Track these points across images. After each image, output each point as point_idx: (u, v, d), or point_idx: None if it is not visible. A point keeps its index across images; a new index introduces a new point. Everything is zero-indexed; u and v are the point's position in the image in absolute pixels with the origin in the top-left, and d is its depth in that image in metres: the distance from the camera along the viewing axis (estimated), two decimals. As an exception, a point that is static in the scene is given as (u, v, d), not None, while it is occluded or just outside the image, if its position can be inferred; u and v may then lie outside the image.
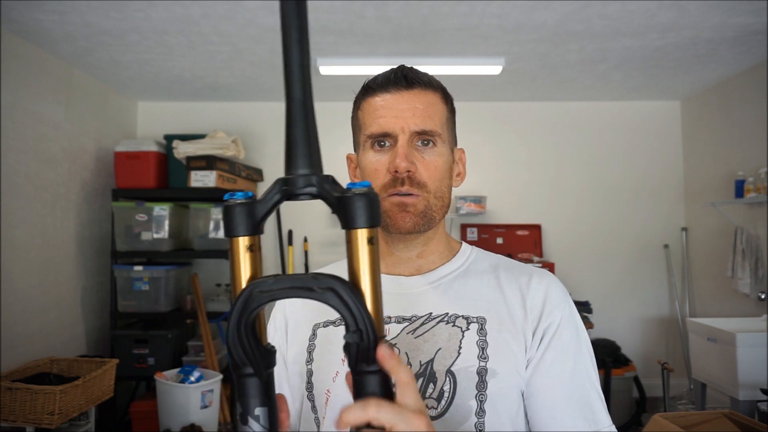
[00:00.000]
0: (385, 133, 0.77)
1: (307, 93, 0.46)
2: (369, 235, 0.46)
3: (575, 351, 0.77)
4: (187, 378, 3.11)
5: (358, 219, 0.45)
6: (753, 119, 3.51)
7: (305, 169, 0.45)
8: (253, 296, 0.45)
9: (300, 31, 0.46)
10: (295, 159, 0.45)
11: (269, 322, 0.90)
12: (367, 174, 0.80)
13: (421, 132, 0.77)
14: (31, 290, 3.00)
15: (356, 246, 0.46)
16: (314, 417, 0.79)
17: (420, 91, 0.78)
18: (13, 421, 2.49)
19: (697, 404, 3.11)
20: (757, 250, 3.39)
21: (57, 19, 2.68)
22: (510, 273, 0.83)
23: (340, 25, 2.79)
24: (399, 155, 0.75)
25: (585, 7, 2.58)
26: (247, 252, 0.47)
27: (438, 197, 0.79)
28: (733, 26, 2.83)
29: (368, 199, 0.45)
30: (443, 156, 0.79)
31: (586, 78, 3.75)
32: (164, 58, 3.28)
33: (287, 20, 0.45)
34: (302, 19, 0.46)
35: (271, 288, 0.45)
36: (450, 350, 0.75)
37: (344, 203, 0.45)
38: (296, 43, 0.46)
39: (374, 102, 0.79)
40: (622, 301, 4.30)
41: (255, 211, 0.46)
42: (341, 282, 0.45)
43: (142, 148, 3.66)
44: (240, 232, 0.46)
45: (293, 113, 0.46)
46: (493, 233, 4.31)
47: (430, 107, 0.78)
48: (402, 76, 0.79)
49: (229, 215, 0.46)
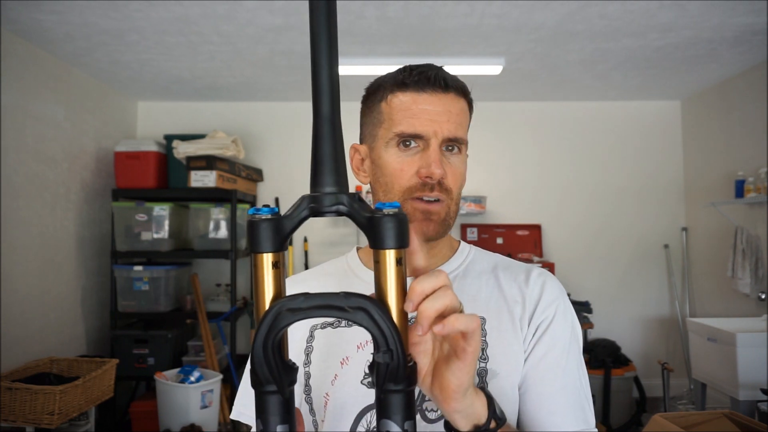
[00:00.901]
0: (417, 135, 0.75)
1: (335, 109, 0.46)
2: (398, 256, 0.46)
3: (568, 348, 0.77)
4: (187, 378, 3.11)
5: (387, 240, 0.45)
6: (753, 119, 3.51)
7: (332, 186, 0.46)
8: (282, 315, 0.44)
9: (330, 48, 0.45)
10: (323, 176, 0.46)
11: None
12: (387, 172, 0.77)
13: (453, 139, 0.76)
14: (31, 290, 3.00)
15: (385, 266, 0.46)
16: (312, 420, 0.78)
17: (455, 96, 0.77)
18: (13, 421, 2.49)
19: (697, 404, 3.11)
20: (757, 250, 3.39)
21: (56, 19, 2.68)
22: (508, 272, 0.83)
23: (340, 25, 2.78)
24: (434, 161, 0.73)
25: (585, 7, 2.58)
26: (272, 269, 0.46)
27: (456, 203, 0.79)
28: (733, 26, 2.83)
29: (398, 221, 0.45)
30: (464, 163, 0.80)
31: (586, 78, 3.75)
32: (164, 58, 3.28)
33: (317, 35, 0.45)
34: (332, 35, 0.45)
35: (300, 306, 0.44)
36: None
37: (374, 224, 0.45)
38: (326, 58, 0.45)
39: (407, 99, 0.76)
40: (622, 301, 4.30)
41: (281, 228, 0.46)
42: (372, 302, 0.45)
43: (142, 148, 3.66)
44: (266, 248, 0.46)
45: (321, 130, 0.46)
46: (493, 233, 4.31)
47: (461, 114, 0.78)
48: (441, 78, 0.76)
49: (254, 231, 0.45)
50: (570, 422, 0.73)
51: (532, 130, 4.39)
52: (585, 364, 0.80)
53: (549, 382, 0.74)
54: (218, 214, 3.68)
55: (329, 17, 0.45)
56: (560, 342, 0.77)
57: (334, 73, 0.46)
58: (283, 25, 2.79)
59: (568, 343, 0.77)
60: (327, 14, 0.45)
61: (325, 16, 0.45)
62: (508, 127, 4.39)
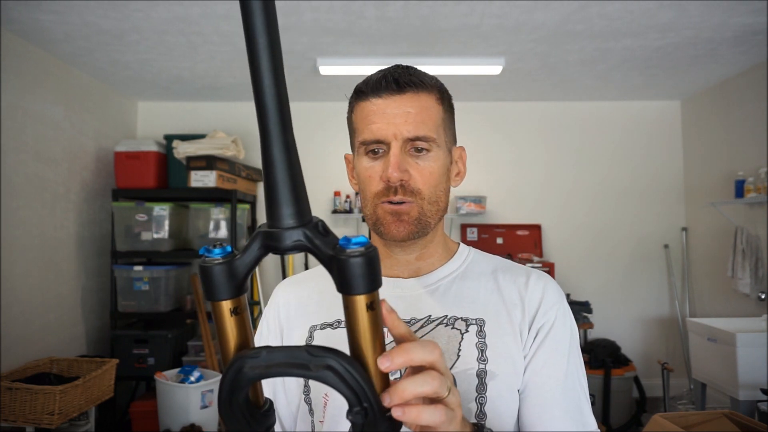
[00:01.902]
0: (378, 140, 0.75)
1: (286, 129, 0.39)
2: (368, 300, 0.41)
3: (568, 352, 0.77)
4: (187, 378, 3.11)
5: (355, 285, 0.40)
6: (753, 119, 3.50)
7: (291, 220, 0.39)
8: (243, 373, 0.41)
9: (272, 57, 0.38)
10: (278, 208, 0.39)
11: (262, 321, 0.88)
12: (361, 180, 0.79)
13: (415, 138, 0.75)
14: (31, 290, 3.00)
15: (354, 314, 0.41)
16: (311, 420, 0.78)
17: (412, 94, 0.76)
18: (13, 421, 2.49)
19: (697, 404, 3.11)
20: (757, 250, 3.39)
21: (57, 19, 2.68)
22: (508, 274, 0.83)
23: (340, 25, 2.79)
24: (391, 165, 0.73)
25: (585, 7, 2.58)
26: (232, 316, 0.42)
27: (432, 202, 0.77)
28: (733, 26, 2.83)
29: (367, 260, 0.39)
30: (438, 160, 0.78)
31: (586, 78, 3.75)
32: (164, 58, 3.28)
33: (255, 44, 0.38)
34: (273, 42, 0.38)
35: (262, 364, 0.41)
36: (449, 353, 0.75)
37: (338, 265, 0.40)
38: (269, 71, 0.38)
39: (366, 107, 0.77)
40: (622, 301, 4.30)
41: (236, 271, 0.41)
42: (339, 357, 0.40)
43: (142, 148, 3.66)
44: (222, 295, 0.41)
45: (271, 154, 0.39)
46: (493, 233, 4.31)
47: (423, 111, 0.76)
48: (393, 79, 0.76)
49: (207, 277, 0.41)
50: (569, 425, 0.73)
51: (532, 130, 4.39)
52: (585, 364, 0.81)
53: (550, 388, 0.74)
54: (218, 214, 3.68)
55: (267, 20, 0.38)
56: (561, 346, 0.77)
57: (280, 87, 0.39)
58: (283, 25, 2.79)
59: (568, 346, 0.77)
60: (265, 16, 0.37)
61: (262, 19, 0.37)
62: (508, 127, 4.38)
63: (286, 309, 0.86)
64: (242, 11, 0.37)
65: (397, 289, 0.82)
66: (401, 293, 0.81)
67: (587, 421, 0.75)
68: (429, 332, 0.77)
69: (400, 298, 0.81)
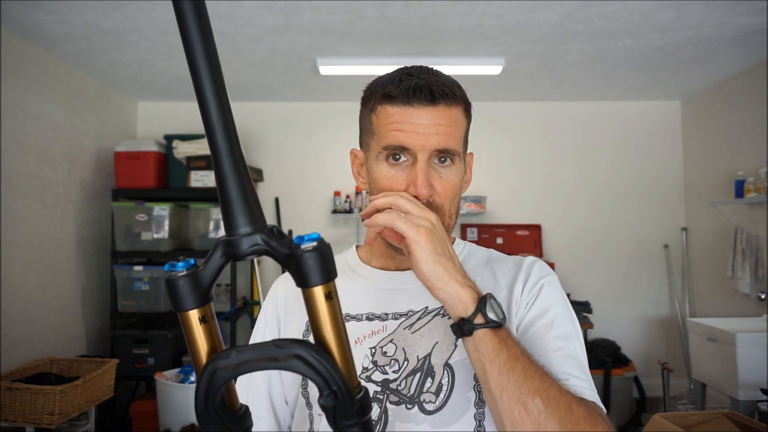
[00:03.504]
0: (404, 148, 0.74)
1: (233, 142, 0.43)
2: (326, 291, 0.44)
3: (567, 316, 0.78)
4: (187, 378, 3.11)
5: (312, 277, 0.43)
6: (753, 119, 3.50)
7: (246, 227, 0.43)
8: (217, 374, 0.43)
9: (213, 75, 0.41)
10: (233, 218, 0.42)
11: (260, 315, 0.89)
12: (379, 186, 0.77)
13: (443, 150, 0.74)
14: (31, 290, 3.00)
15: (314, 305, 0.44)
16: (308, 413, 0.79)
17: (444, 107, 0.74)
18: (13, 421, 2.49)
19: (697, 404, 3.11)
20: (757, 250, 3.39)
21: (57, 19, 2.68)
22: (502, 262, 0.85)
23: (340, 25, 2.79)
24: (420, 182, 0.73)
25: (585, 7, 2.58)
26: (201, 324, 0.45)
27: (451, 215, 0.78)
28: (733, 26, 2.83)
29: (320, 254, 0.42)
30: (459, 173, 0.78)
31: (586, 78, 3.75)
32: (164, 58, 3.28)
33: (195, 62, 0.40)
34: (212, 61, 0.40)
35: (233, 363, 0.43)
36: (447, 343, 0.76)
37: (295, 261, 0.42)
38: (210, 89, 0.41)
39: (395, 112, 0.75)
40: (622, 301, 4.30)
41: (200, 281, 0.44)
42: (305, 345, 0.43)
43: (142, 148, 3.66)
44: (189, 305, 0.44)
45: (222, 168, 0.43)
46: (493, 233, 4.31)
47: (453, 124, 0.75)
48: (428, 89, 0.73)
49: (173, 290, 0.43)
50: (579, 374, 0.72)
51: (532, 130, 4.39)
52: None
53: (553, 346, 0.74)
54: (218, 214, 3.67)
55: (205, 43, 0.40)
56: (558, 310, 0.77)
57: (223, 103, 0.42)
58: (283, 25, 2.79)
59: (566, 312, 0.78)
60: (201, 35, 0.40)
61: (199, 37, 0.40)
62: (508, 128, 4.39)
63: (284, 302, 0.87)
64: (181, 34, 0.40)
65: (394, 283, 0.83)
66: (398, 286, 0.82)
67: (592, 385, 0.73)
68: (426, 324, 0.78)
69: (397, 291, 0.82)
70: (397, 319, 0.79)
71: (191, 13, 0.39)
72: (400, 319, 0.79)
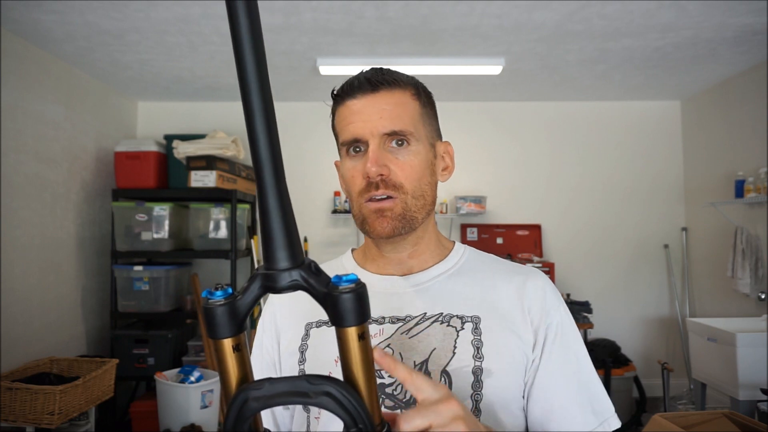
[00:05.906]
0: (357, 139, 0.77)
1: (279, 178, 0.42)
2: (360, 332, 0.45)
3: (576, 349, 0.79)
4: (187, 378, 3.11)
5: (347, 318, 0.44)
6: (753, 119, 3.50)
7: (285, 262, 0.43)
8: (248, 405, 0.45)
9: (266, 113, 0.41)
10: (274, 252, 0.43)
11: (259, 324, 0.90)
12: (346, 181, 0.81)
13: (392, 133, 0.76)
14: (31, 290, 3.00)
15: (347, 344, 0.45)
16: (307, 416, 0.79)
17: (386, 92, 0.78)
18: (13, 421, 2.49)
19: (697, 404, 3.11)
20: (757, 250, 3.39)
21: (57, 19, 2.68)
22: (504, 273, 0.84)
23: (340, 25, 2.79)
24: (369, 160, 0.75)
25: (585, 7, 2.58)
26: (234, 353, 0.46)
27: (417, 197, 0.78)
28: (733, 26, 2.83)
29: (356, 296, 0.44)
30: (419, 154, 0.79)
31: (586, 78, 3.75)
32: (164, 58, 3.28)
33: (250, 102, 0.41)
34: (266, 97, 0.41)
35: (265, 395, 0.45)
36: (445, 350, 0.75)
37: (332, 301, 0.44)
38: (262, 125, 0.41)
39: (344, 109, 0.79)
40: (622, 301, 4.30)
41: (237, 311, 0.45)
42: (335, 384, 0.45)
43: (142, 148, 3.66)
44: (224, 334, 0.45)
45: (266, 203, 0.43)
46: (493, 233, 4.31)
47: (398, 107, 0.78)
48: (365, 79, 0.78)
49: (210, 318, 0.45)
50: (591, 420, 0.76)
51: (532, 130, 4.39)
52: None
53: (565, 386, 0.76)
54: (218, 214, 3.68)
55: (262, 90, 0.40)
56: (569, 346, 0.79)
57: (273, 139, 0.42)
58: (283, 25, 2.79)
59: (575, 345, 0.79)
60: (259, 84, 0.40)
61: (257, 86, 0.40)
62: (508, 128, 4.38)
63: (280, 308, 0.87)
64: (241, 84, 0.41)
65: (391, 287, 0.82)
66: (396, 291, 0.82)
67: (605, 407, 0.77)
68: (424, 330, 0.78)
69: (395, 296, 0.81)
70: (395, 323, 0.79)
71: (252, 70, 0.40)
72: (397, 323, 0.79)
